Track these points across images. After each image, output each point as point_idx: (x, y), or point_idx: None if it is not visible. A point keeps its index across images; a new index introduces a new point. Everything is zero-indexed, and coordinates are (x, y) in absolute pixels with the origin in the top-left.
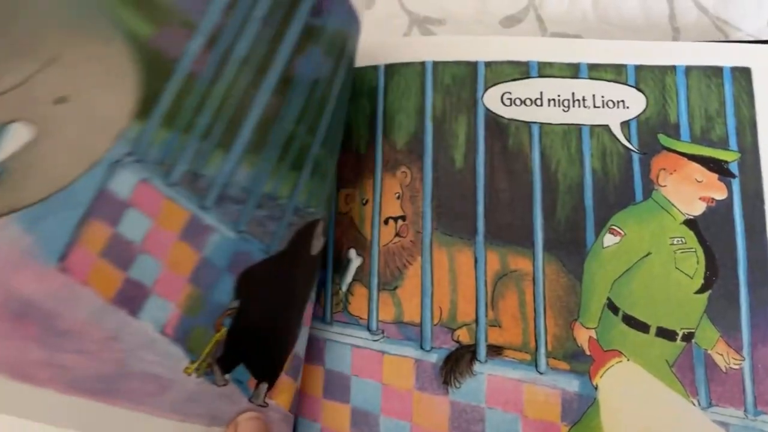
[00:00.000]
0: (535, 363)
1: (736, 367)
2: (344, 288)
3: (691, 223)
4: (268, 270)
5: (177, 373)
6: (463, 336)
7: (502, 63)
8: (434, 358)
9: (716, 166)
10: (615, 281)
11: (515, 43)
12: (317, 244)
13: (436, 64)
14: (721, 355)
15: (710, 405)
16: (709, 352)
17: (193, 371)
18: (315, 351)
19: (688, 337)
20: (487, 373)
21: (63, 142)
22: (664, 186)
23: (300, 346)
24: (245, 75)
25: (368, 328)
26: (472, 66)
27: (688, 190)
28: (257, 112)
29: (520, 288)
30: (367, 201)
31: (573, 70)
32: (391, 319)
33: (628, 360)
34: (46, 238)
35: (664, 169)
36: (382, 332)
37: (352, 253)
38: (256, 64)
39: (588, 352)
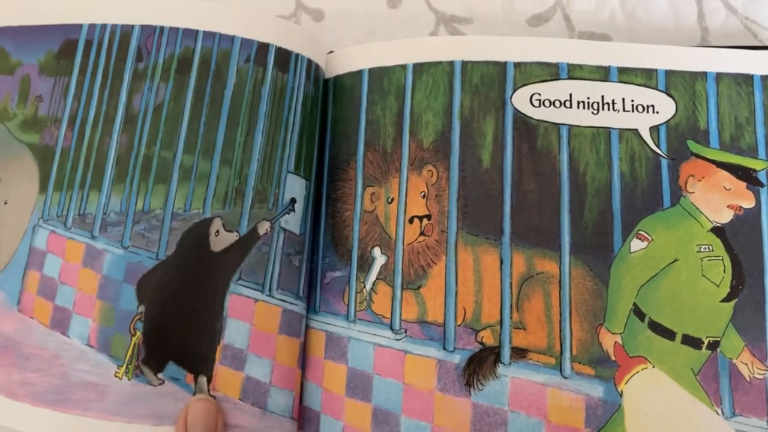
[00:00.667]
0: (559, 367)
1: (760, 377)
2: (368, 286)
3: (718, 231)
4: (162, 274)
5: (109, 379)
6: (487, 337)
7: (531, 64)
8: (457, 359)
9: (745, 174)
10: (642, 287)
11: (545, 44)
12: (219, 241)
13: (464, 63)
14: (746, 364)
15: (734, 414)
16: (733, 361)
17: (122, 375)
18: (338, 349)
19: (713, 346)
20: (510, 376)
21: (9, 227)
22: (692, 193)
23: (233, 337)
24: (97, 131)
25: (391, 328)
26: (501, 66)
27: (716, 198)
28: (113, 153)
29: (546, 290)
30: (392, 199)
31: (603, 73)
32: (415, 319)
33: (653, 367)
34: (9, 291)
35: (693, 175)
36: (405, 331)
37: (377, 251)
38: (103, 119)
39: (613, 358)
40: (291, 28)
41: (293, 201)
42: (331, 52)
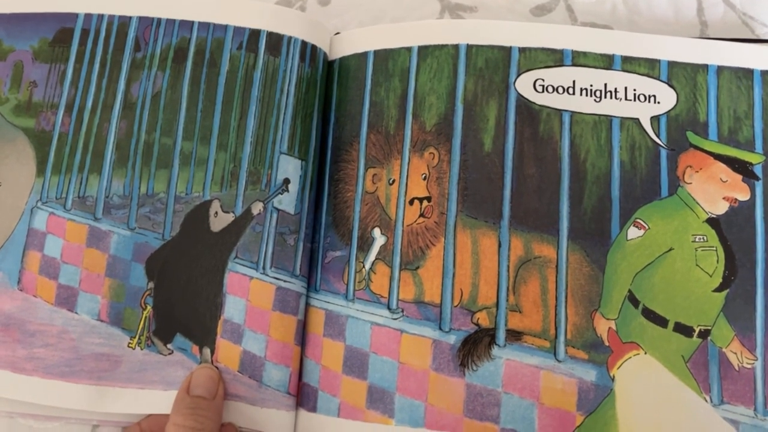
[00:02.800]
0: (554, 350)
1: (749, 366)
2: (367, 266)
3: (713, 222)
4: (169, 253)
5: (123, 349)
6: (483, 319)
7: (536, 49)
8: (452, 339)
9: (741, 167)
10: (637, 274)
11: (550, 30)
12: (218, 221)
13: (469, 47)
14: (735, 353)
15: (722, 402)
16: (723, 350)
17: (135, 345)
18: (337, 327)
19: (704, 334)
20: (505, 358)
21: (5, 209)
22: (690, 183)
23: (232, 313)
24: (96, 117)
25: (388, 307)
26: (506, 51)
27: (712, 189)
28: (112, 138)
29: (542, 275)
30: (393, 181)
31: (607, 61)
32: (412, 299)
33: (645, 353)
34: (8, 271)
35: (691, 166)
36: (402, 311)
37: (377, 232)
38: (101, 106)
39: (607, 343)
40: (284, 13)
41: (286, 181)
42: (338, 33)
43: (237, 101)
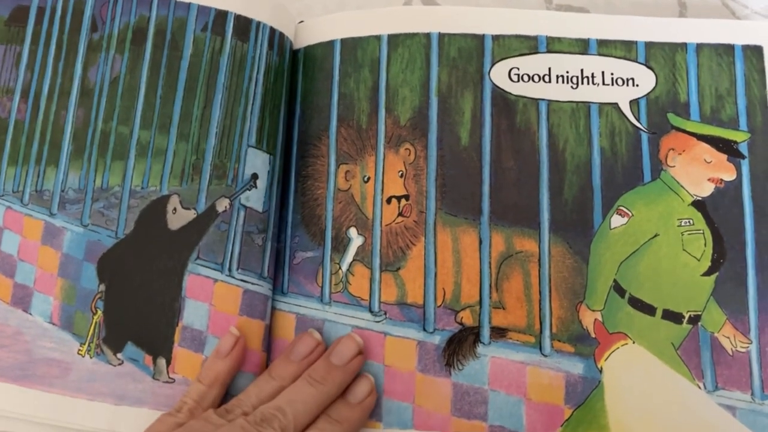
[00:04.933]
0: (539, 345)
1: (743, 350)
2: (344, 268)
3: (699, 205)
4: (122, 252)
5: (73, 356)
6: (467, 318)
7: (509, 37)
8: (437, 339)
9: (726, 147)
10: (622, 263)
11: (523, 15)
12: (176, 218)
13: (441, 36)
14: (728, 338)
15: (716, 388)
16: (715, 335)
17: (85, 352)
18: None
19: (694, 320)
20: (490, 356)
21: None
22: (673, 167)
23: (192, 319)
24: (53, 105)
25: (370, 310)
26: (479, 39)
27: (696, 171)
28: (70, 128)
29: (525, 269)
30: (368, 178)
31: (582, 46)
32: (394, 301)
33: (633, 343)
34: None
35: (673, 149)
36: (385, 313)
37: (353, 231)
38: (58, 92)
39: (593, 335)
40: None
41: (254, 177)
42: (302, 21)
43: (201, 88)
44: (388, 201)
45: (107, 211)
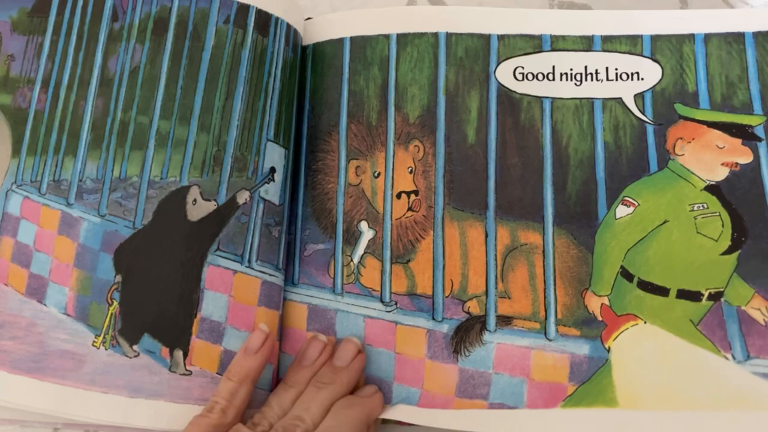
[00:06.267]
0: (544, 331)
1: None
2: (356, 260)
3: (713, 189)
4: (139, 242)
5: (87, 348)
6: (474, 307)
7: (515, 36)
8: (445, 328)
9: (739, 131)
10: (629, 250)
11: (528, 15)
12: (196, 210)
13: (449, 35)
14: (758, 309)
15: (749, 358)
16: (743, 308)
17: (100, 344)
18: (324, 321)
19: (715, 297)
20: (496, 342)
21: None
22: (682, 155)
23: (211, 310)
24: (72, 94)
25: (381, 300)
26: (485, 39)
27: (708, 157)
28: (88, 117)
29: (530, 261)
30: (379, 174)
31: (586, 43)
32: (404, 291)
33: (645, 323)
34: None
35: (682, 138)
36: (395, 304)
37: (364, 225)
38: (77, 82)
39: (600, 318)
40: None
41: (273, 170)
42: (309, 18)
43: (223, 80)
44: (398, 196)
45: (125, 201)
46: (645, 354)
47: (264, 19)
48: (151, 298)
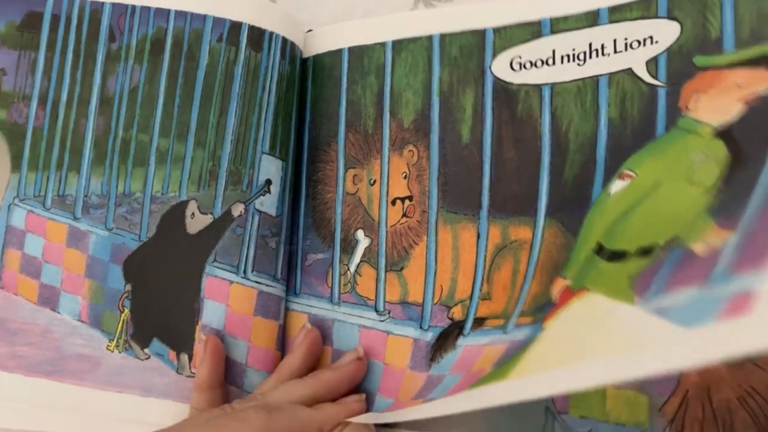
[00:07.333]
0: (505, 326)
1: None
2: (352, 269)
3: (723, 134)
4: (145, 254)
5: (102, 351)
6: (457, 313)
7: (512, 27)
8: (429, 336)
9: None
10: (611, 226)
11: (525, 2)
12: (195, 223)
13: (443, 36)
14: (707, 242)
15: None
16: (690, 247)
17: (114, 348)
18: (323, 331)
19: (670, 242)
20: (464, 345)
21: None
22: (695, 109)
23: (210, 318)
24: (72, 112)
25: (375, 309)
26: (480, 34)
27: (726, 100)
28: (90, 135)
29: (516, 257)
30: (374, 181)
31: (591, 18)
32: (397, 300)
33: (588, 291)
34: None
35: (698, 90)
36: (389, 313)
37: (360, 234)
38: (77, 101)
39: (556, 301)
40: (265, 6)
41: (268, 182)
42: (310, 30)
43: (217, 97)
44: (393, 203)
45: (130, 215)
46: (566, 324)
47: (257, 35)
48: (157, 305)
